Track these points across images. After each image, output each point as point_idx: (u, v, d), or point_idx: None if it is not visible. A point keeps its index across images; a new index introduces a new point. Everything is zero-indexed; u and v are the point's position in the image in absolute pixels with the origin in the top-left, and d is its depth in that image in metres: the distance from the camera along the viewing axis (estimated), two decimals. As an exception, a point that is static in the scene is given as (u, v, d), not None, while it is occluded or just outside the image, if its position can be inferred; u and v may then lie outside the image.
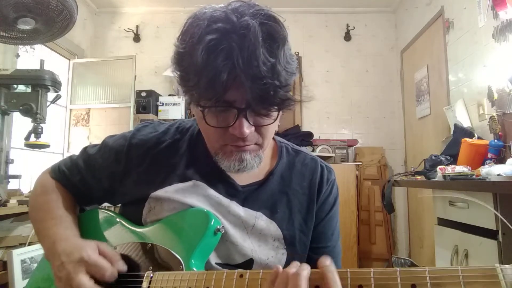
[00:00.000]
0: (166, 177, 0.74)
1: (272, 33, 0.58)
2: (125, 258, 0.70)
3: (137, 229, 0.74)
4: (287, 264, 0.72)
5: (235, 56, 0.55)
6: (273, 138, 0.83)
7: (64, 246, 0.67)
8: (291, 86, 0.61)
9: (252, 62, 0.55)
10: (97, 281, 0.62)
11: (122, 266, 0.66)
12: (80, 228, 0.78)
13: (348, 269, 0.49)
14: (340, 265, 0.80)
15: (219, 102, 0.59)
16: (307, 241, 0.77)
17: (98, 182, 0.79)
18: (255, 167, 0.67)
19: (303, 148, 0.87)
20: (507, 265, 0.42)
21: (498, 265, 0.42)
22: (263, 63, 0.56)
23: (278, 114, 0.64)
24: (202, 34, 0.57)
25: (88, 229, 0.79)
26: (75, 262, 0.62)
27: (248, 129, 0.61)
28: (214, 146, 0.68)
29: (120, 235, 0.75)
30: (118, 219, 0.78)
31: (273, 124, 0.66)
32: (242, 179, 0.75)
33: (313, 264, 0.76)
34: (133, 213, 0.75)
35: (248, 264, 0.71)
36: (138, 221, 0.74)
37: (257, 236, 0.72)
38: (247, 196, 0.74)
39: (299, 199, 0.77)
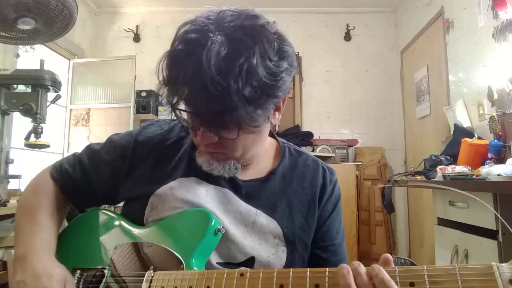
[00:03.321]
0: (170, 174, 0.74)
1: (239, 50, 0.55)
2: (126, 258, 0.70)
3: (138, 229, 0.74)
4: (287, 261, 0.73)
5: (189, 69, 0.56)
6: (276, 139, 0.84)
7: (34, 264, 0.66)
8: (259, 103, 0.58)
9: (203, 80, 0.54)
10: None
11: None
12: (81, 229, 0.79)
13: (348, 268, 0.50)
14: (347, 263, 0.80)
15: (175, 108, 0.61)
16: (308, 240, 0.77)
17: (102, 178, 0.79)
18: (226, 173, 0.70)
19: (305, 150, 0.88)
20: (503, 264, 0.43)
21: (494, 263, 0.43)
22: (214, 82, 0.54)
23: (238, 133, 0.61)
24: (176, 40, 0.60)
25: (89, 229, 0.79)
26: (55, 282, 0.63)
27: (206, 140, 0.63)
28: (194, 140, 0.70)
29: (121, 235, 0.75)
30: (119, 220, 0.78)
31: (249, 138, 0.66)
32: (244, 175, 0.75)
33: (319, 262, 0.77)
34: (135, 212, 0.75)
35: (250, 262, 0.71)
36: (139, 221, 0.74)
37: (257, 234, 0.72)
38: (248, 191, 0.75)
39: (299, 199, 0.77)
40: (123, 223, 0.77)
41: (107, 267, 0.71)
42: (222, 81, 0.54)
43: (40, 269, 0.65)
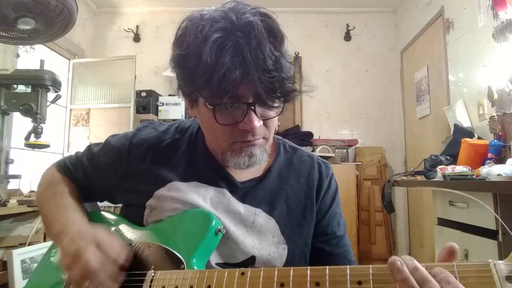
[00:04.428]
0: (167, 176, 0.75)
1: (273, 29, 0.61)
2: (127, 258, 0.70)
3: (138, 230, 0.74)
4: (288, 258, 0.73)
5: (243, 52, 0.57)
6: None
7: (77, 227, 0.69)
8: (293, 78, 0.64)
9: (260, 56, 0.57)
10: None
11: (130, 252, 0.67)
12: None
13: (348, 266, 0.50)
14: (352, 254, 0.82)
15: (231, 99, 0.60)
16: (308, 236, 0.77)
17: (101, 179, 0.81)
18: (263, 160, 0.70)
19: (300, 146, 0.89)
20: (500, 261, 0.43)
21: (491, 260, 0.44)
22: (269, 57, 0.58)
23: (283, 106, 0.65)
24: (207, 33, 0.58)
25: None
26: (88, 239, 0.64)
27: (257, 123, 0.63)
28: (221, 145, 0.69)
29: (121, 236, 0.75)
30: (119, 221, 0.78)
31: (276, 117, 0.68)
32: (241, 176, 0.76)
33: (324, 256, 0.77)
34: (134, 214, 0.76)
35: (250, 261, 0.71)
36: (139, 222, 0.75)
37: (257, 233, 0.72)
38: (246, 192, 0.75)
39: (296, 195, 0.78)
40: (124, 224, 0.77)
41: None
42: (275, 54, 0.59)
43: (84, 228, 0.68)
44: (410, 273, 0.45)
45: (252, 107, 0.61)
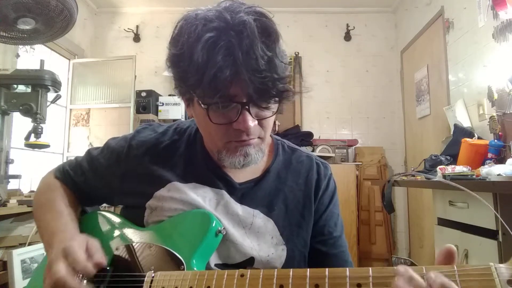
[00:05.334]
0: (166, 178, 0.75)
1: (267, 28, 0.60)
2: (127, 258, 0.70)
3: (139, 231, 0.74)
4: (287, 259, 0.73)
5: (235, 52, 0.56)
6: (270, 135, 0.84)
7: (59, 237, 0.69)
8: (288, 78, 0.63)
9: (251, 57, 0.57)
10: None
11: (100, 259, 0.65)
12: (82, 229, 0.79)
13: (347, 268, 0.50)
14: (348, 255, 0.81)
15: (223, 98, 0.59)
16: (307, 236, 0.77)
17: (101, 182, 0.81)
18: (258, 160, 0.69)
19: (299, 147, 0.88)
20: (501, 264, 0.43)
21: (492, 263, 0.43)
22: (261, 57, 0.58)
23: (278, 106, 0.65)
24: (200, 33, 0.58)
25: (90, 231, 0.79)
26: (58, 251, 0.63)
27: (252, 122, 0.62)
28: (217, 145, 0.69)
29: (122, 237, 0.75)
30: (120, 221, 0.78)
31: (273, 117, 0.68)
32: (239, 176, 0.76)
33: (320, 256, 0.77)
34: (134, 215, 0.76)
35: (249, 262, 0.71)
36: (140, 223, 0.75)
37: (255, 235, 0.72)
38: (244, 193, 0.75)
39: (295, 195, 0.77)
40: (124, 225, 0.77)
41: (108, 268, 0.71)
42: (268, 55, 0.58)
43: (63, 238, 0.68)
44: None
45: (247, 107, 0.61)
